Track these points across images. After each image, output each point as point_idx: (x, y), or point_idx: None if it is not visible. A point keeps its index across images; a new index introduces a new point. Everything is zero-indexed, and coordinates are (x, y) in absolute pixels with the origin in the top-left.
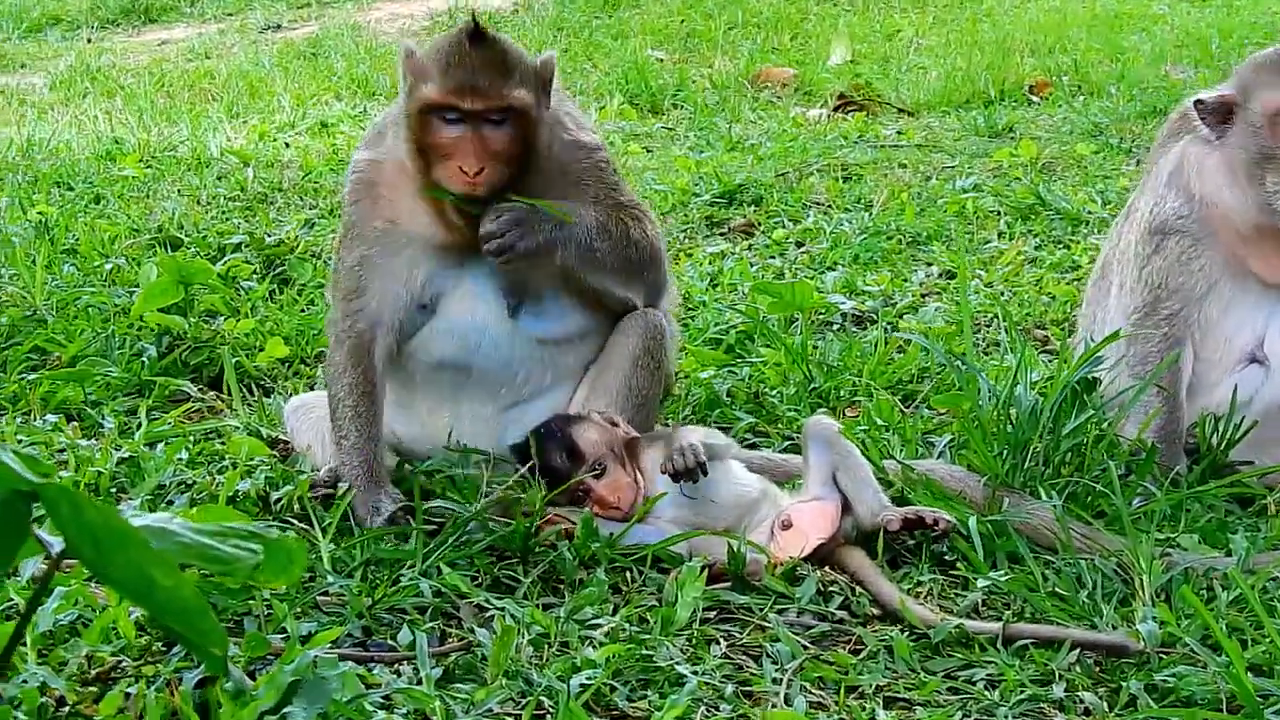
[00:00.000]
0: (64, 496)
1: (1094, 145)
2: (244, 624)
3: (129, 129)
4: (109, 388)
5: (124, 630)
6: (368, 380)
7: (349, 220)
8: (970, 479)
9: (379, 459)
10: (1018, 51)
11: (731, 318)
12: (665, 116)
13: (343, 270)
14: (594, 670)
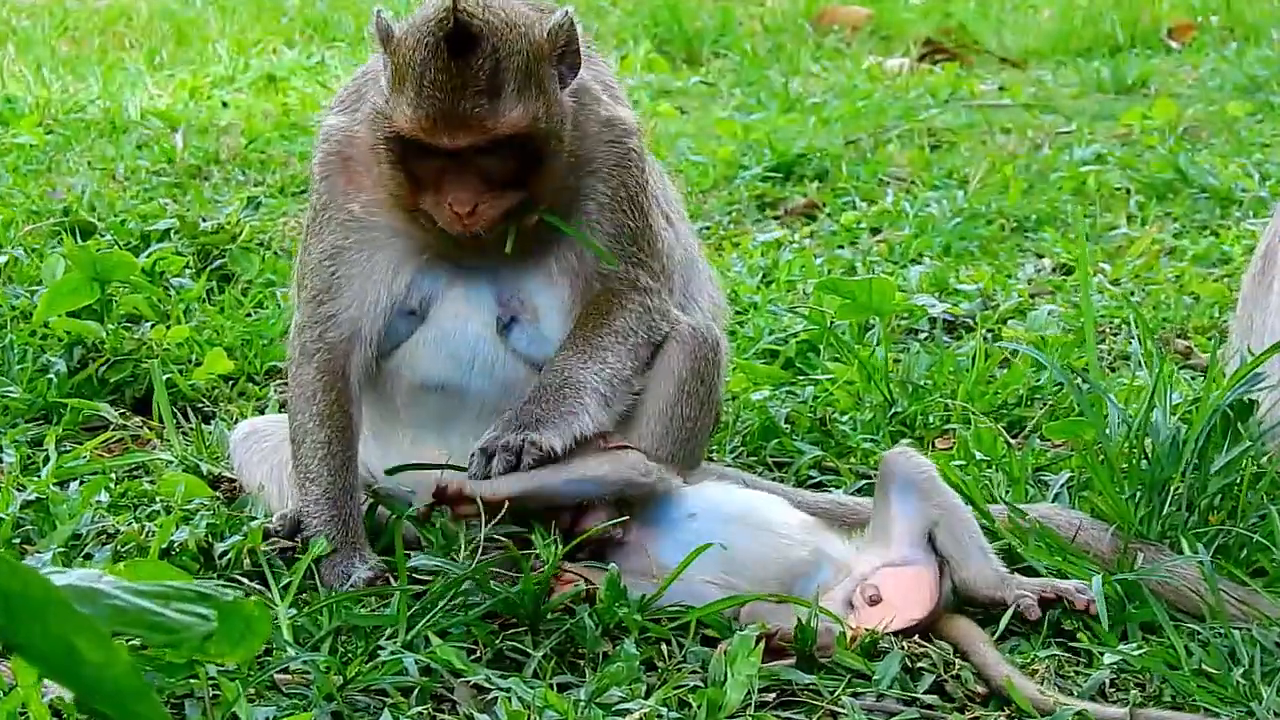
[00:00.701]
0: None
1: (1249, 105)
2: (185, 708)
3: (24, 84)
4: (7, 412)
5: (35, 716)
6: (342, 408)
7: (318, 202)
8: (1095, 528)
9: (354, 510)
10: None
11: (791, 324)
12: (704, 68)
13: (310, 264)
14: None
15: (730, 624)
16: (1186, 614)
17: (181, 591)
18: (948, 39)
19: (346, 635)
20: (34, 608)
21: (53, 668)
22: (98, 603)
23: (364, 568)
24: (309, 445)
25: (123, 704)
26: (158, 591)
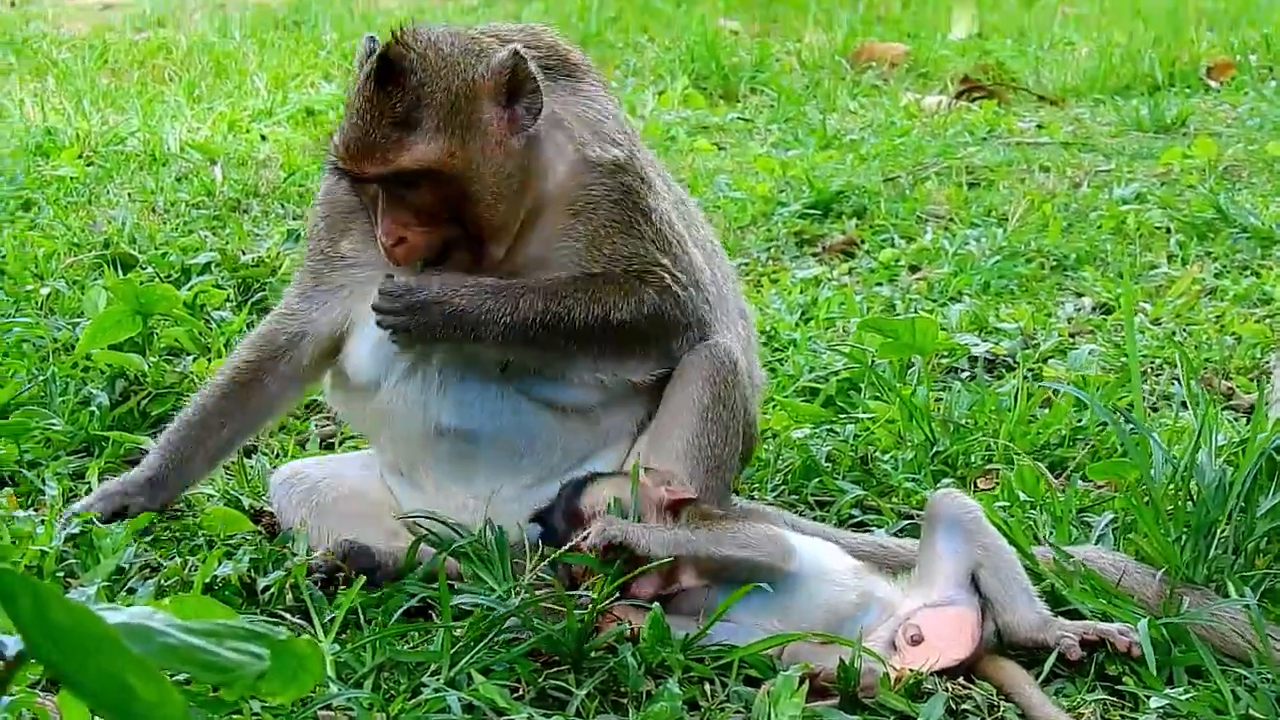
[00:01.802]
0: (25, 587)
1: None
2: None
3: (64, 116)
4: (50, 444)
5: None
6: (238, 390)
7: (313, 245)
8: (1139, 571)
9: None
10: (1192, 23)
11: (831, 361)
12: (741, 104)
13: (290, 290)
14: None
15: (773, 664)
16: (1233, 658)
17: (234, 629)
18: (985, 76)
19: (390, 672)
20: (87, 645)
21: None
22: (150, 641)
23: (101, 504)
24: (193, 401)
25: None
26: (210, 630)
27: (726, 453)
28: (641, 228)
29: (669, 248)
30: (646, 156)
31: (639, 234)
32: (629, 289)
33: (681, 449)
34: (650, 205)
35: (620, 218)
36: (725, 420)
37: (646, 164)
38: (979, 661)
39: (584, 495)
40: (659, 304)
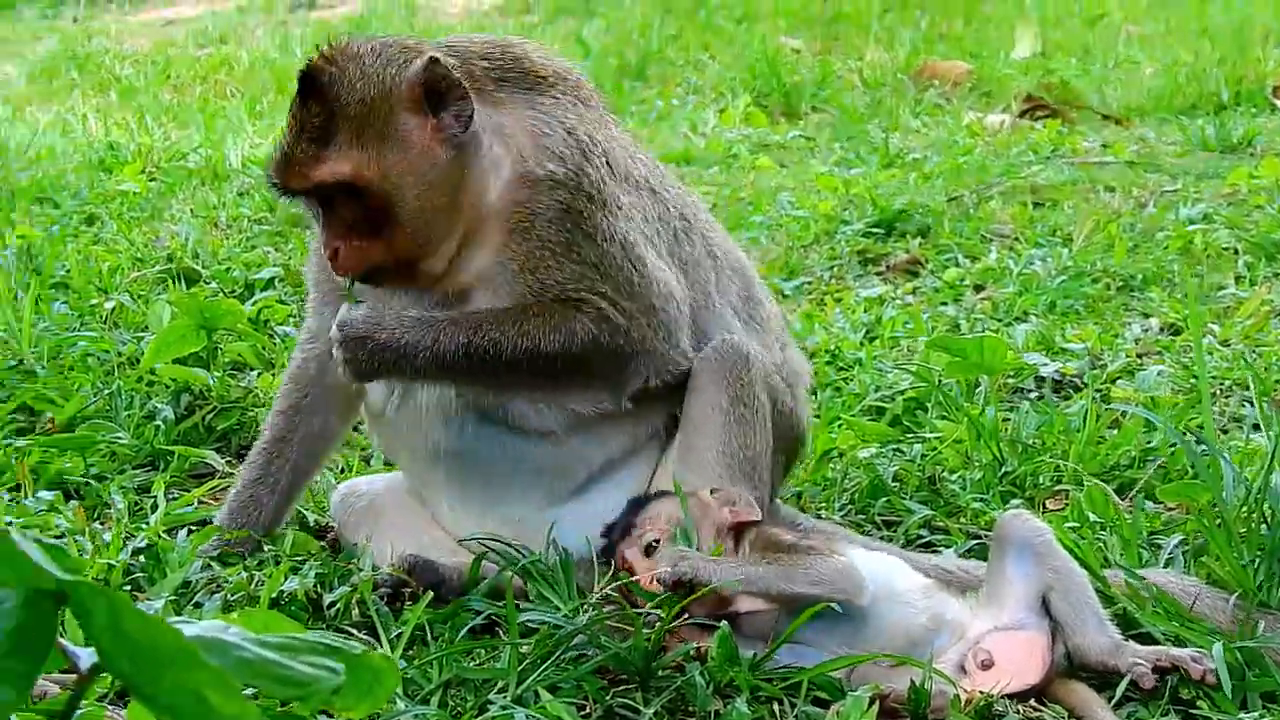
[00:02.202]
0: (99, 598)
1: None
2: None
3: (127, 132)
4: (115, 458)
5: None
6: (296, 414)
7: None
8: (1211, 595)
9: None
10: (1259, 42)
11: (897, 380)
12: (803, 122)
13: (307, 318)
14: None
15: (842, 686)
16: None
17: (308, 644)
18: (1049, 95)
19: (456, 688)
20: (162, 657)
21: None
22: (226, 654)
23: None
24: (260, 437)
25: None
26: (284, 644)
27: (758, 450)
28: (582, 249)
29: (616, 272)
30: (613, 170)
31: (578, 257)
32: (559, 320)
33: (712, 458)
34: (596, 225)
35: (556, 238)
36: (749, 418)
37: (603, 180)
38: (1050, 685)
39: (645, 511)
40: (595, 335)
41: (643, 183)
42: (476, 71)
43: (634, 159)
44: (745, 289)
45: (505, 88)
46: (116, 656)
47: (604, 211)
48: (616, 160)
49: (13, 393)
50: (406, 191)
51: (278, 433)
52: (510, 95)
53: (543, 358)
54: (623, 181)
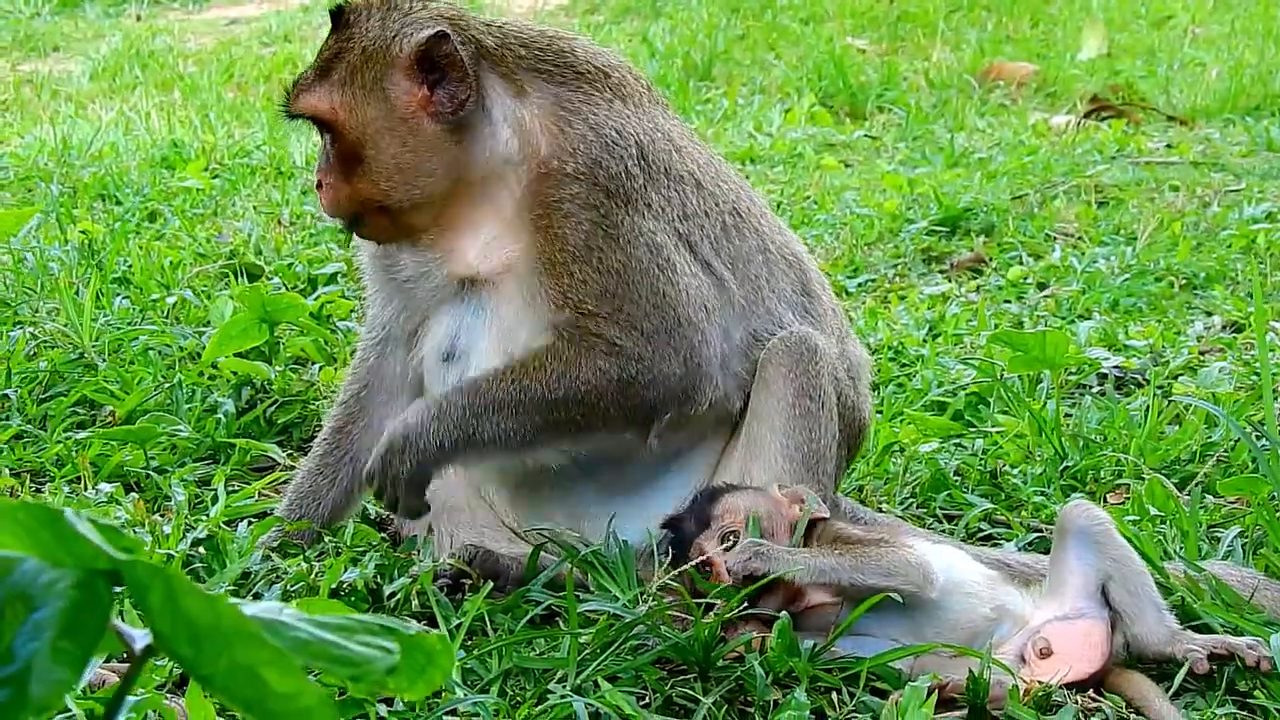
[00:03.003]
0: (156, 579)
1: None
2: None
3: (191, 130)
4: (176, 451)
5: None
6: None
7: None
8: (1270, 586)
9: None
10: None
11: (959, 375)
12: (868, 122)
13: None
14: None
15: (901, 676)
16: None
17: (364, 624)
18: (1114, 96)
19: (516, 678)
20: (220, 637)
21: (238, 699)
22: (281, 634)
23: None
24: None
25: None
26: (340, 624)
27: (822, 444)
28: (603, 253)
29: (640, 281)
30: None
31: (599, 263)
32: (563, 366)
33: (777, 451)
34: (617, 225)
35: (575, 238)
36: (815, 411)
37: (628, 175)
38: (1108, 674)
39: (717, 505)
40: (605, 373)
41: (686, 177)
42: (509, 58)
43: (679, 153)
44: (802, 283)
45: (536, 79)
46: (173, 637)
47: (627, 209)
48: (653, 155)
49: (73, 386)
50: (380, 146)
51: (338, 424)
52: (538, 87)
53: (550, 406)
54: (659, 176)
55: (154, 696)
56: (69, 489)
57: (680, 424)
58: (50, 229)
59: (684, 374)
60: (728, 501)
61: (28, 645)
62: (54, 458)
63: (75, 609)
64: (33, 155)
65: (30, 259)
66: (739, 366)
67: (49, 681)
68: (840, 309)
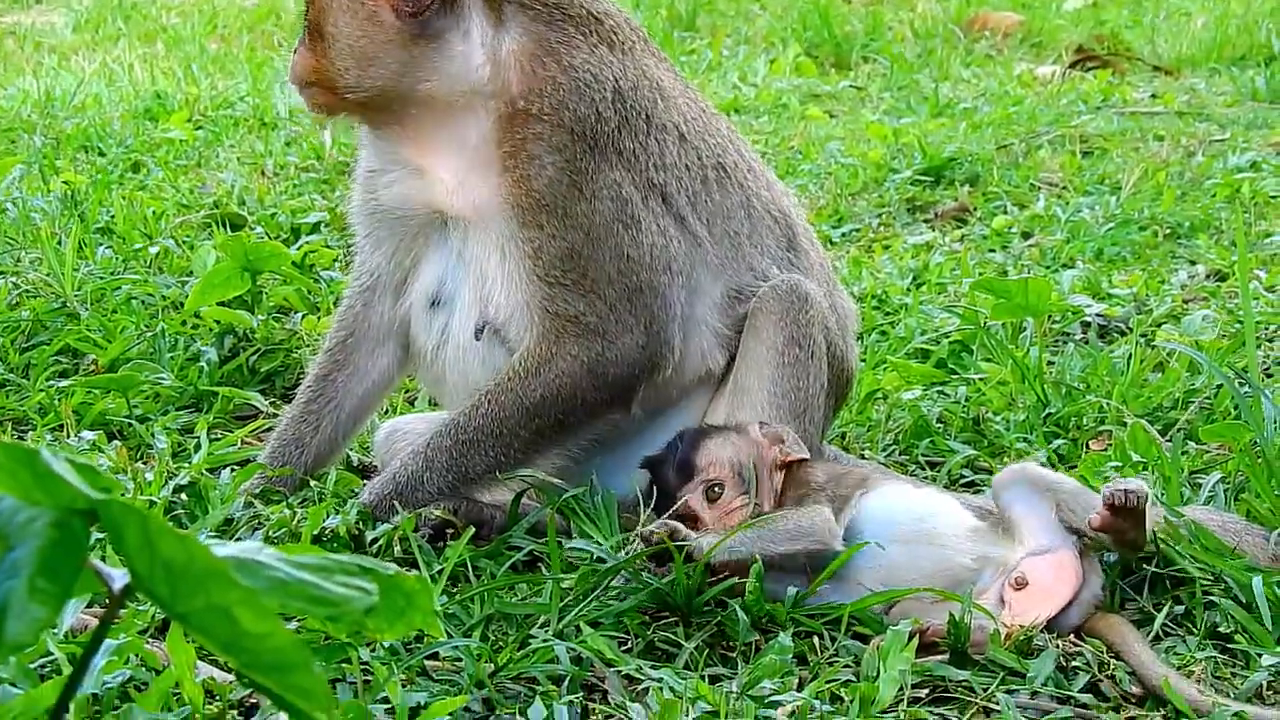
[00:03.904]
0: (132, 518)
1: None
2: (336, 691)
3: (174, 81)
4: (159, 399)
5: (189, 696)
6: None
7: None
8: (1251, 531)
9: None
10: None
11: (942, 324)
12: (853, 72)
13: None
14: None
15: (882, 621)
16: None
17: (342, 565)
18: (1100, 46)
19: (498, 622)
20: (195, 577)
21: (213, 638)
22: (259, 575)
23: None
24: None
25: (284, 675)
26: (318, 565)
27: (810, 393)
28: (570, 205)
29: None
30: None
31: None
32: (532, 379)
33: (764, 400)
34: (584, 172)
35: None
36: (804, 360)
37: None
38: (1089, 619)
39: (700, 454)
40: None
41: (670, 128)
42: None
43: (665, 103)
44: (788, 239)
45: (521, 13)
46: (150, 576)
47: (593, 155)
48: (633, 102)
49: (56, 335)
50: (338, 26)
51: (322, 371)
52: (521, 22)
53: (529, 414)
54: (637, 123)
55: (136, 640)
56: (51, 437)
57: (660, 391)
58: (33, 180)
59: (646, 342)
60: (711, 451)
61: (5, 584)
62: (36, 406)
63: (53, 548)
64: (15, 107)
65: (13, 209)
66: (719, 323)
67: (26, 619)
68: (828, 263)
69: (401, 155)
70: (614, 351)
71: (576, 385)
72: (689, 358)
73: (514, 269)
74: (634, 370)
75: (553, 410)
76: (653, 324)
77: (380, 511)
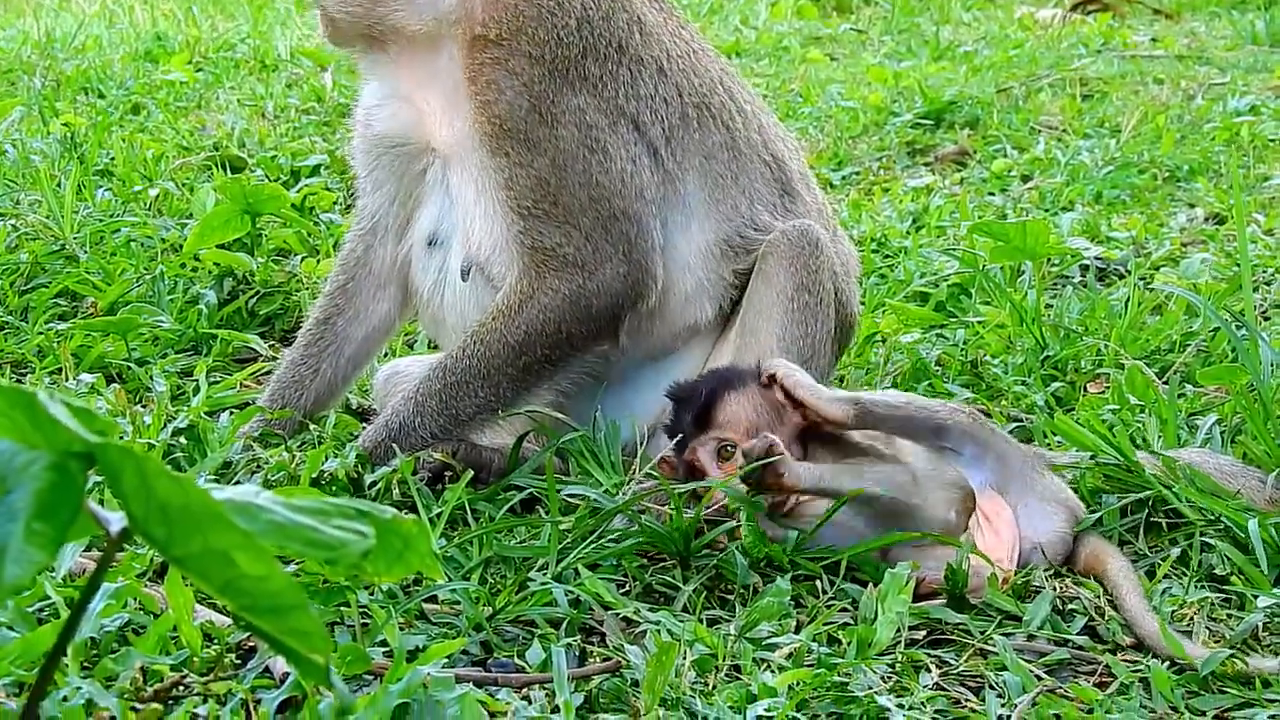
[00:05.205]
0: (129, 461)
1: None
2: (334, 634)
3: (174, 22)
4: (158, 342)
5: (187, 639)
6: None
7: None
8: (1247, 473)
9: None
10: None
11: (941, 267)
12: (854, 15)
13: (357, 201)
14: (774, 700)
15: (879, 567)
16: None
17: (340, 508)
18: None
19: (496, 565)
20: (192, 520)
21: (210, 581)
22: (257, 518)
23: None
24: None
25: (281, 617)
26: (316, 508)
27: (818, 339)
28: (537, 134)
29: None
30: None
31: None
32: (512, 316)
33: (773, 344)
34: (548, 96)
35: (508, 113)
36: (813, 306)
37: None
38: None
39: (720, 409)
40: (558, 293)
41: (648, 61)
42: None
43: (645, 35)
44: (781, 182)
45: None
46: (146, 519)
47: (553, 79)
48: (602, 29)
49: (55, 277)
50: None
51: (322, 314)
52: None
53: (515, 352)
54: (605, 50)
55: (133, 584)
56: (50, 380)
57: (649, 327)
58: (33, 122)
59: (627, 270)
60: (732, 408)
61: (2, 527)
62: (35, 349)
63: (50, 490)
64: (15, 48)
65: (12, 151)
66: (709, 269)
67: (24, 562)
68: (827, 207)
69: (394, 87)
70: (595, 282)
71: (560, 319)
72: (674, 295)
73: (489, 203)
74: (617, 300)
75: (539, 346)
76: (632, 252)
77: (378, 456)
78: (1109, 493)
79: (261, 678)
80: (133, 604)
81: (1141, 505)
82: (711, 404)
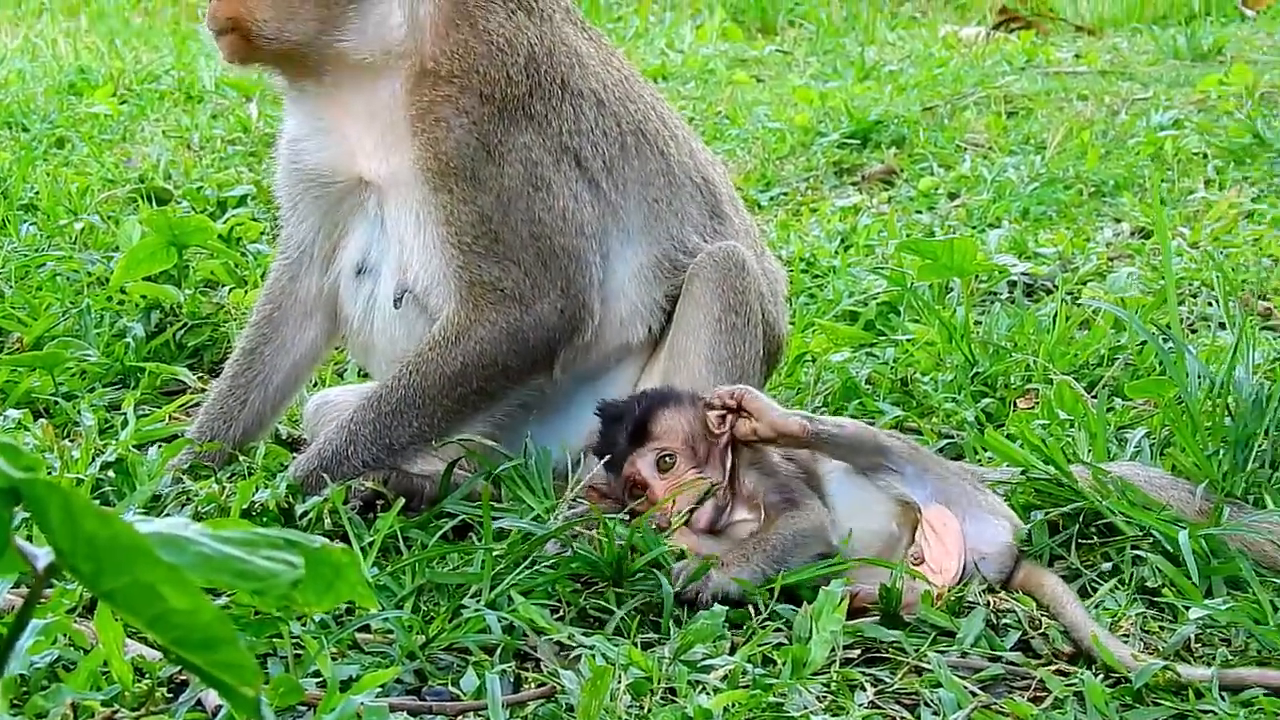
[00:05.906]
0: (54, 496)
1: None
2: (267, 665)
3: (98, 55)
4: (85, 376)
5: (118, 674)
6: (269, 327)
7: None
8: (1177, 485)
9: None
10: None
11: (870, 286)
12: (780, 37)
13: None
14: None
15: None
16: (1271, 570)
17: (268, 539)
18: (1023, 7)
19: (429, 593)
20: (120, 555)
21: (140, 616)
22: (184, 550)
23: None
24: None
25: (211, 650)
26: (244, 539)
27: (746, 359)
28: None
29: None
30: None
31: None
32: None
33: (701, 366)
34: (492, 135)
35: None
36: (740, 327)
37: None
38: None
39: (656, 422)
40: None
41: (587, 94)
42: None
43: (583, 69)
44: (711, 206)
45: None
46: (73, 554)
47: (502, 119)
48: (547, 67)
49: None
50: None
51: (249, 344)
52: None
53: (451, 382)
54: (550, 88)
55: (63, 619)
56: None
57: (584, 357)
58: None
59: (564, 306)
60: (667, 419)
61: None
62: None
63: None
64: None
65: None
66: (641, 292)
67: None
68: (755, 229)
69: (323, 120)
70: (532, 317)
71: (497, 352)
72: (609, 324)
73: (430, 236)
74: (554, 335)
75: (474, 378)
76: (570, 288)
77: (309, 485)
78: (1040, 508)
79: (193, 711)
80: (62, 640)
81: (1072, 519)
82: (647, 418)
